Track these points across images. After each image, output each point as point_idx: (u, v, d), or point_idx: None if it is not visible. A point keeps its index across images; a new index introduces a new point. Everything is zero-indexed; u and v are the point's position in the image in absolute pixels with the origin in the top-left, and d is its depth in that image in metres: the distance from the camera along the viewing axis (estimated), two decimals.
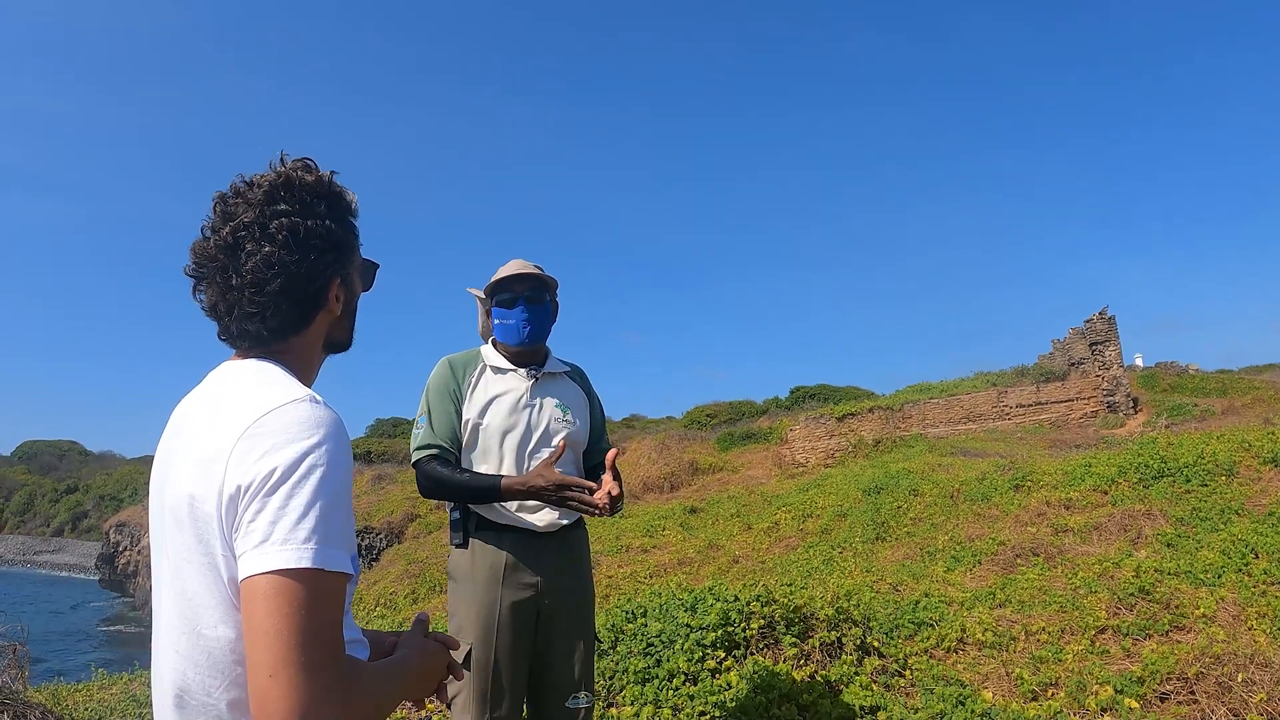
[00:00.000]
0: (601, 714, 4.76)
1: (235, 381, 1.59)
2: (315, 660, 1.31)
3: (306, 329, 1.68)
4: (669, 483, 27.55)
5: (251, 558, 1.35)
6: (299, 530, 1.35)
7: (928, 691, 5.10)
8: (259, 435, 1.42)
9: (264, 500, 1.37)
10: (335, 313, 1.72)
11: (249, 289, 1.57)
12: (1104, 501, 10.66)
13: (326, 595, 1.37)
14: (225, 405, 1.52)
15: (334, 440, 1.46)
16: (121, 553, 54.61)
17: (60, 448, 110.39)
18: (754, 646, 5.38)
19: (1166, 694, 4.96)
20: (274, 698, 1.28)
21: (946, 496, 13.84)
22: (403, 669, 1.60)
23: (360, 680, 1.42)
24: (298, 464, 1.39)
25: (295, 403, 1.47)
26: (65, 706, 5.26)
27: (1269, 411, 22.13)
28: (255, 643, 1.32)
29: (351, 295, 1.78)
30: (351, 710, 1.36)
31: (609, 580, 13.21)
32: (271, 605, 1.32)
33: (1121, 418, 27.84)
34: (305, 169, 1.67)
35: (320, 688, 1.30)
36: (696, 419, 44.34)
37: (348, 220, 1.74)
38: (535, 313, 3.36)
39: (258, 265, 1.56)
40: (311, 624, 1.33)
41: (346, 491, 1.46)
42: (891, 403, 30.40)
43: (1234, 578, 6.87)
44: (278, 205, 1.60)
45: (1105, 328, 29.77)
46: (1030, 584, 7.61)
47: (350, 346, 1.84)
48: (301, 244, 1.60)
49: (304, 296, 1.63)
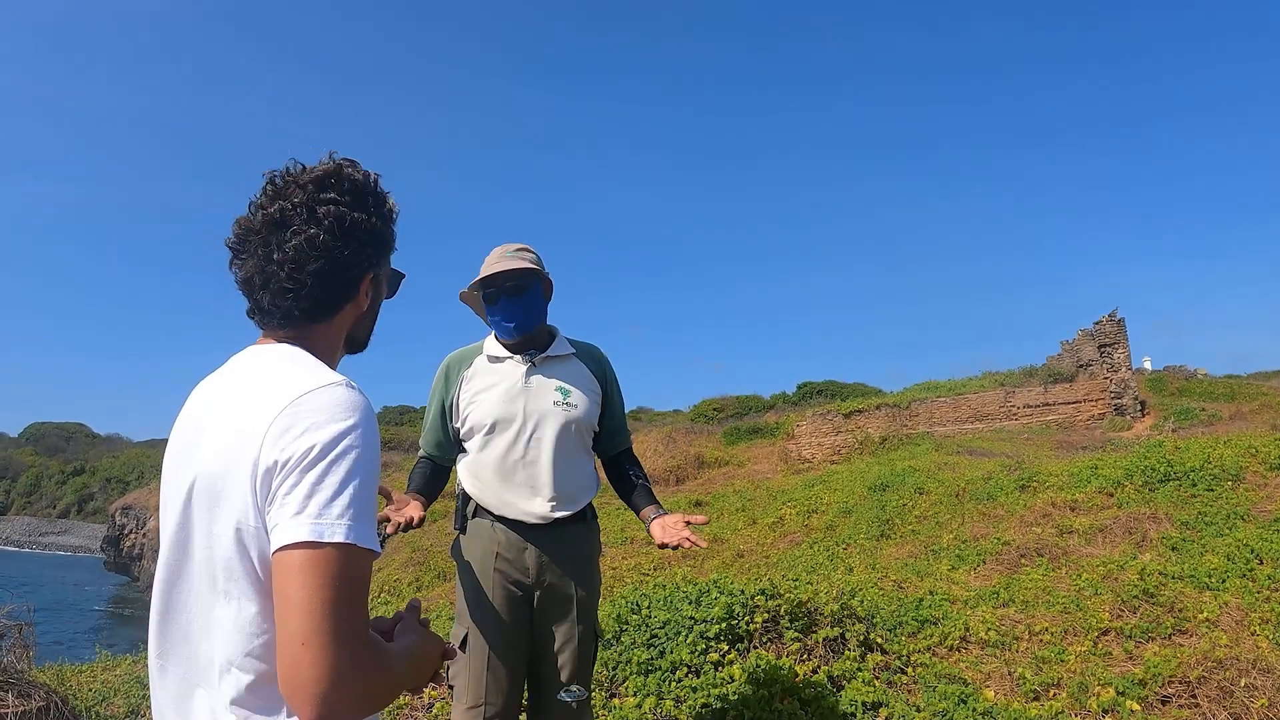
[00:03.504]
0: (604, 704, 4.77)
1: (268, 363, 1.62)
2: (345, 631, 1.34)
3: (333, 318, 1.71)
4: (675, 476, 27.58)
5: (286, 528, 1.38)
6: (334, 505, 1.39)
7: (930, 689, 5.10)
8: (298, 414, 1.46)
9: (301, 475, 1.41)
10: (362, 307, 1.76)
11: (289, 265, 1.61)
12: (1109, 504, 10.64)
13: (358, 571, 1.40)
14: (260, 384, 1.55)
15: (367, 424, 1.50)
16: (127, 535, 54.76)
17: (67, 430, 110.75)
18: (757, 640, 5.39)
19: (1168, 697, 4.97)
20: (306, 665, 1.31)
21: (952, 495, 13.83)
22: (409, 654, 1.62)
23: (383, 657, 1.45)
24: (336, 443, 1.43)
25: (333, 385, 1.52)
26: (70, 687, 5.27)
27: (1276, 418, 22.07)
28: (287, 612, 1.35)
29: (379, 295, 1.83)
30: (373, 684, 1.40)
31: (613, 571, 13.23)
32: (306, 576, 1.35)
33: (1129, 420, 27.80)
34: (354, 167, 1.72)
35: (347, 658, 1.33)
36: (704, 413, 44.38)
37: (389, 222, 1.78)
38: (517, 305, 3.31)
39: (301, 245, 1.61)
40: (343, 596, 1.36)
41: (376, 475, 1.49)
42: (899, 400, 30.36)
43: (1238, 583, 6.86)
44: (328, 193, 1.65)
45: (1114, 330, 29.72)
46: (1034, 584, 7.60)
47: (366, 348, 1.89)
48: (345, 232, 1.65)
49: (338, 284, 1.67)
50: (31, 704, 4.25)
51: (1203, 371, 35.78)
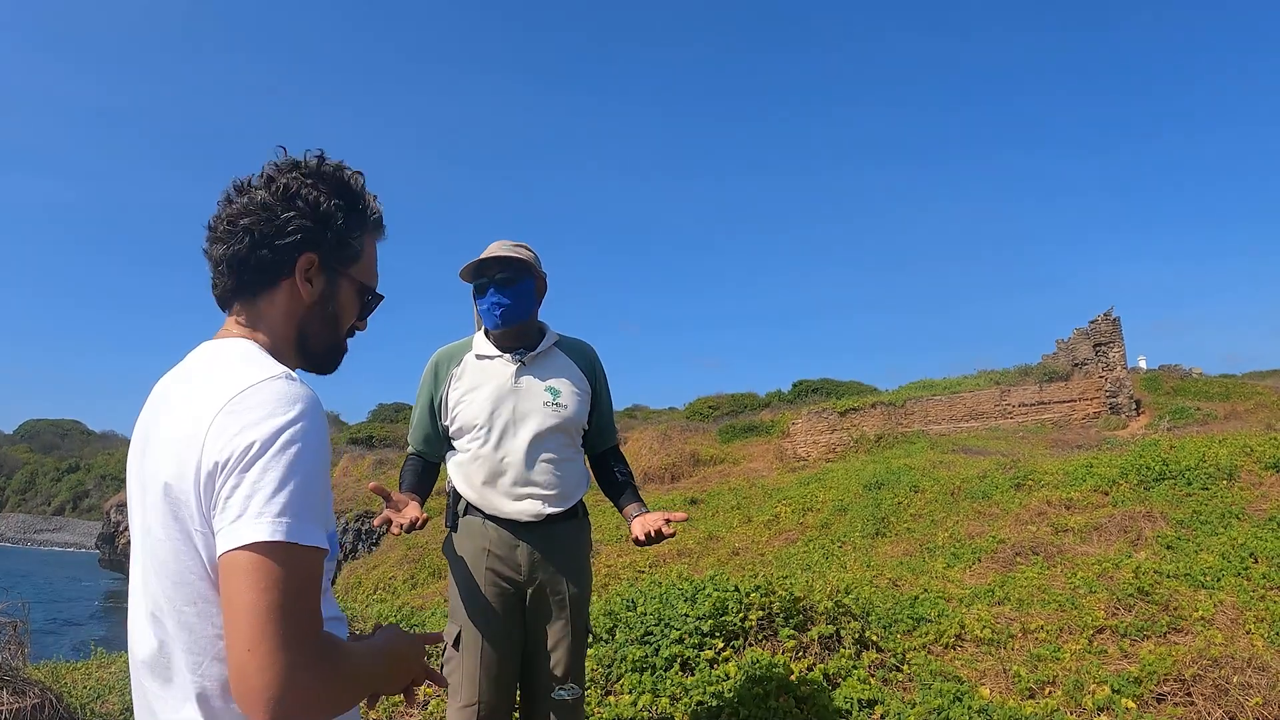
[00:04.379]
0: (599, 701, 4.77)
1: (213, 360, 1.60)
2: (292, 634, 1.32)
3: (273, 291, 1.68)
4: (670, 473, 27.63)
5: (228, 533, 1.36)
6: (273, 504, 1.36)
7: (925, 687, 5.11)
8: (236, 411, 1.43)
9: (240, 475, 1.38)
10: (303, 295, 1.69)
11: (226, 220, 1.63)
12: (1105, 502, 10.66)
13: (303, 570, 1.37)
14: (203, 383, 1.53)
15: (310, 417, 1.46)
16: (122, 532, 54.56)
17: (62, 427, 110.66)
18: (752, 638, 5.39)
19: (1163, 695, 4.97)
20: (252, 671, 1.29)
21: (947, 494, 13.86)
22: (380, 652, 1.60)
23: (338, 656, 1.43)
24: (274, 439, 1.40)
25: (272, 379, 1.48)
26: (64, 684, 5.26)
27: (1271, 417, 22.13)
28: (233, 618, 1.33)
29: (332, 293, 1.75)
30: (328, 685, 1.37)
31: (608, 569, 13.26)
32: (248, 580, 1.33)
33: (1124, 419, 27.83)
34: (339, 165, 1.73)
35: (297, 661, 1.31)
36: (699, 410, 44.42)
37: (354, 214, 1.75)
38: (506, 294, 3.29)
39: (245, 204, 1.63)
40: (287, 598, 1.33)
41: (323, 469, 1.47)
42: (894, 399, 30.40)
43: (1233, 581, 6.88)
44: (293, 172, 1.66)
45: (1110, 329, 29.75)
46: (1029, 582, 7.62)
47: (329, 366, 1.82)
48: (288, 198, 1.64)
49: (270, 247, 1.64)
50: (26, 701, 4.24)
51: (1198, 371, 35.86)
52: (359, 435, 48.76)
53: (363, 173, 1.77)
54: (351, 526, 31.47)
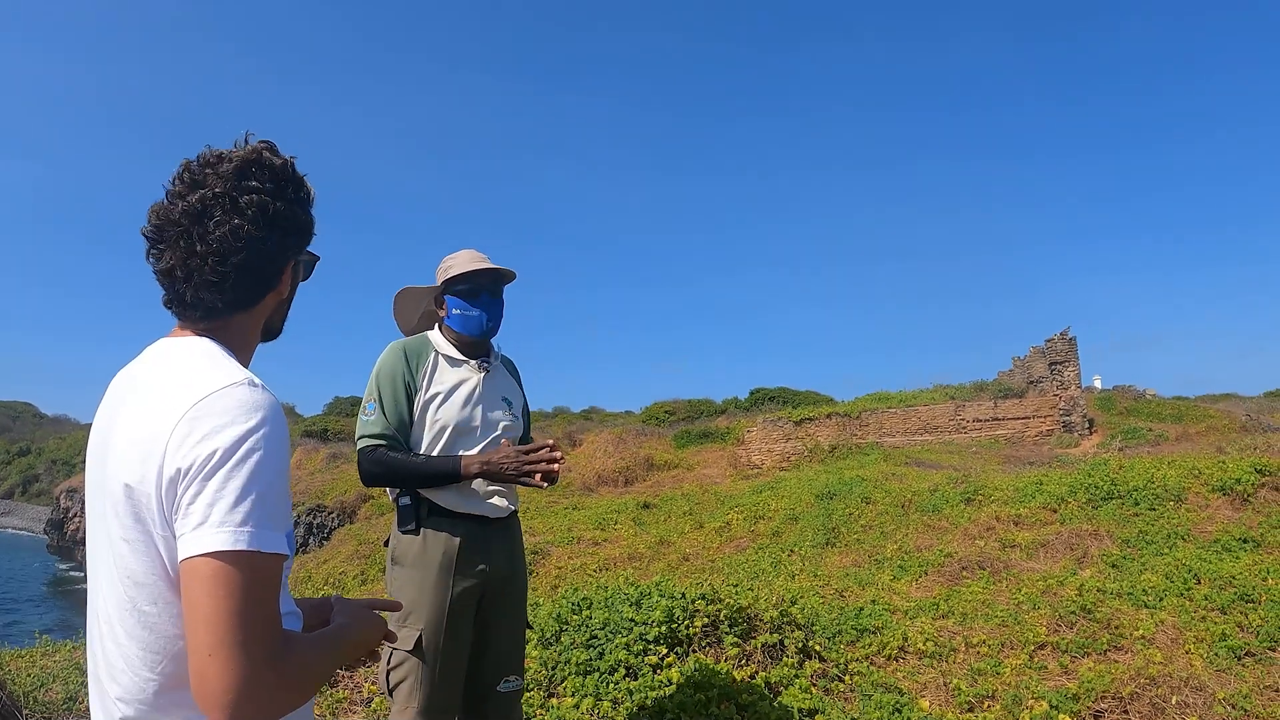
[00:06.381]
0: (542, 703, 4.76)
1: (175, 361, 1.58)
2: (251, 639, 1.34)
3: (254, 307, 1.68)
4: (624, 477, 27.63)
5: (190, 540, 1.37)
6: (236, 513, 1.37)
7: (866, 697, 5.14)
8: (199, 418, 1.43)
9: (203, 483, 1.39)
10: (283, 295, 1.74)
11: (213, 258, 1.56)
12: (1053, 519, 10.77)
13: (263, 576, 1.39)
14: (165, 386, 1.52)
15: (272, 424, 1.47)
16: (71, 519, 54.14)
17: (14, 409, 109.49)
18: (697, 644, 5.39)
19: (1100, 712, 5.02)
20: (212, 676, 1.31)
21: (898, 506, 13.94)
22: (338, 638, 1.62)
23: (295, 654, 1.43)
24: (236, 447, 1.41)
25: (235, 386, 1.48)
26: (8, 671, 5.19)
27: (1222, 440, 22.35)
28: (194, 623, 1.35)
29: (296, 281, 1.80)
30: (287, 684, 1.39)
31: (558, 571, 13.24)
32: (209, 586, 1.34)
33: (1076, 438, 28.14)
34: (272, 151, 1.67)
35: (256, 666, 1.33)
36: (655, 415, 44.43)
37: (308, 208, 1.75)
38: (496, 306, 3.42)
39: (225, 236, 1.56)
40: (248, 604, 1.35)
41: (284, 474, 1.48)
42: (850, 410, 30.60)
43: (1175, 601, 6.97)
44: (250, 181, 1.61)
45: (1065, 348, 30.09)
46: (974, 597, 7.68)
47: (280, 335, 1.85)
48: (269, 222, 1.61)
49: (261, 275, 1.64)
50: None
51: (1151, 392, 36.25)
52: (314, 428, 48.46)
53: (286, 144, 1.74)
54: (304, 520, 31.24)
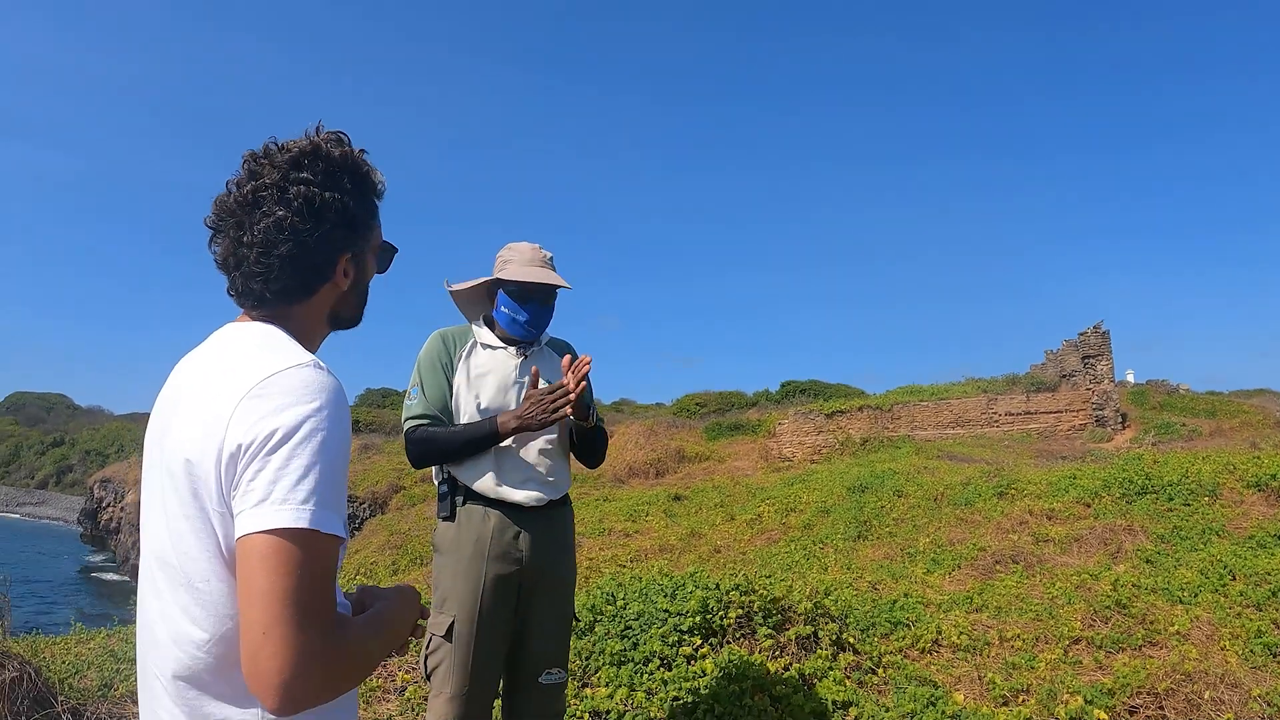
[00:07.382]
0: (576, 693, 4.79)
1: (240, 343, 1.60)
2: (307, 619, 1.34)
3: (309, 299, 1.69)
4: (655, 469, 27.56)
5: (249, 516, 1.37)
6: (297, 491, 1.37)
7: (900, 690, 5.14)
8: (263, 397, 1.44)
9: (264, 460, 1.39)
10: (341, 287, 1.73)
11: (257, 248, 1.59)
12: (1086, 514, 10.69)
13: (321, 556, 1.39)
14: (229, 366, 1.53)
15: (335, 406, 1.47)
16: (105, 509, 54.49)
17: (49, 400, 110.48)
18: (730, 636, 5.41)
19: (1135, 707, 5.00)
20: (266, 655, 1.31)
21: (930, 499, 13.85)
22: (381, 621, 1.62)
23: (348, 637, 1.44)
24: (299, 426, 1.41)
25: (299, 367, 1.49)
26: (43, 658, 5.25)
27: (1256, 435, 22.13)
28: (250, 600, 1.34)
29: (362, 273, 1.79)
30: (340, 667, 1.40)
31: (590, 562, 13.23)
32: (268, 564, 1.34)
33: (1109, 432, 27.91)
34: (336, 141, 1.68)
35: (311, 646, 1.33)
36: (686, 407, 44.46)
37: (369, 199, 1.76)
38: (543, 315, 3.43)
39: (269, 227, 1.58)
40: (305, 584, 1.35)
41: (344, 458, 1.47)
42: (881, 403, 30.47)
43: (1210, 598, 6.91)
44: (301, 173, 1.61)
45: (1099, 342, 29.86)
46: (1008, 591, 7.65)
47: (358, 324, 1.85)
48: (315, 213, 1.61)
49: (309, 266, 1.65)
50: (4, 675, 4.24)
51: (1185, 387, 35.91)
52: None
53: (365, 149, 1.75)
54: None
